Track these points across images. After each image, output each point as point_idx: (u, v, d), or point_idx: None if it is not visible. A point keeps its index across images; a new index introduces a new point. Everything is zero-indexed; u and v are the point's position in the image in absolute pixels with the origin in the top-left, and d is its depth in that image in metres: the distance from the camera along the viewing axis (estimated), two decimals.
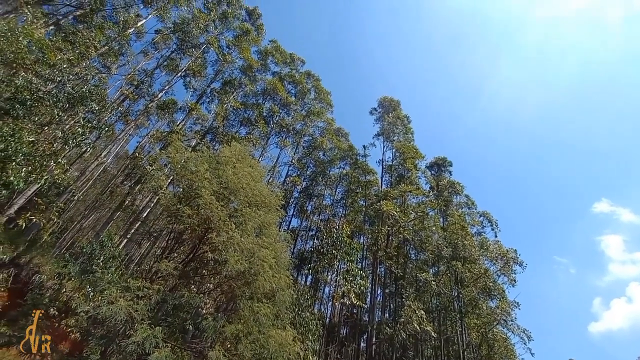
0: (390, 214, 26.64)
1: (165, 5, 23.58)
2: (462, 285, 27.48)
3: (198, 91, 30.51)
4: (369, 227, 33.29)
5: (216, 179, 11.99)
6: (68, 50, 19.98)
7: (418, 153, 32.27)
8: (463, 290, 26.94)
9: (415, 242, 28.98)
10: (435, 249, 27.84)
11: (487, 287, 27.71)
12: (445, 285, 27.72)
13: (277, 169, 33.72)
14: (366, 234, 33.47)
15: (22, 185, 13.38)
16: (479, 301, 27.29)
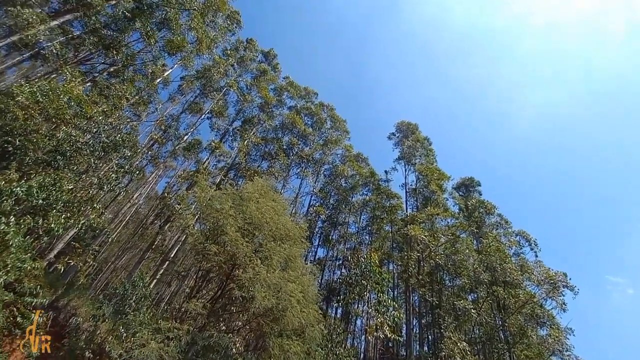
0: (419, 238, 25.63)
1: (188, 55, 25.55)
2: (506, 312, 25.28)
3: (221, 130, 32.03)
4: (397, 254, 32.10)
5: (240, 215, 12.15)
6: (103, 103, 21.81)
7: (443, 174, 31.46)
8: (508, 318, 24.73)
9: (448, 268, 27.43)
10: (472, 274, 26.13)
11: (534, 313, 25.29)
12: (487, 313, 25.62)
13: (300, 199, 33.90)
14: (395, 261, 32.23)
15: (61, 231, 14.15)
16: (527, 329, 24.84)
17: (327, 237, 34.51)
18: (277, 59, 37.36)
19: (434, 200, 30.03)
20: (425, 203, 30.96)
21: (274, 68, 36.38)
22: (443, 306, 26.98)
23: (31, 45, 19.62)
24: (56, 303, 20.40)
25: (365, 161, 42.23)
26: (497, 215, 33.43)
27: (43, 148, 14.86)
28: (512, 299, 24.81)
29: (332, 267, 34.92)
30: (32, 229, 12.87)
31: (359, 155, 42.06)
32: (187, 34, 24.70)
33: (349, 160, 38.97)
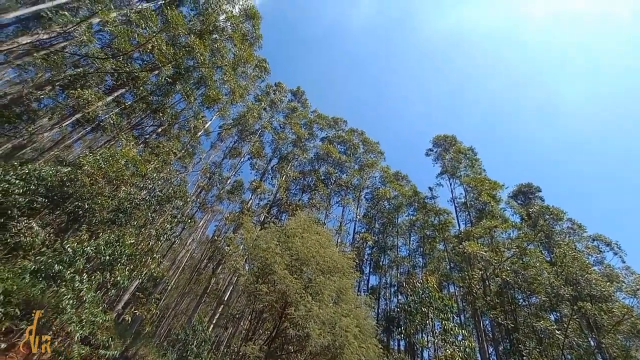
0: (478, 255, 23.50)
1: (224, 105, 27.67)
2: (600, 331, 21.59)
3: (260, 170, 33.43)
4: (457, 274, 29.60)
5: (287, 252, 12.10)
6: (154, 160, 24.00)
7: (495, 184, 29.15)
8: (603, 337, 21.03)
9: (520, 284, 24.52)
10: (549, 289, 23.05)
11: (636, 329, 21.25)
12: (576, 334, 22.09)
13: (344, 227, 33.36)
14: (456, 282, 29.68)
15: (127, 283, 15.13)
16: (630, 350, 20.82)
17: (378, 264, 33.10)
18: (305, 95, 39.19)
19: (489, 212, 27.73)
20: (479, 216, 28.70)
21: (303, 104, 38.07)
22: (521, 329, 23.86)
23: (92, 119, 22.56)
24: (126, 353, 21.43)
25: (405, 178, 41.16)
26: (567, 221, 29.87)
27: (107, 208, 16.35)
28: (604, 315, 21.21)
29: (387, 295, 33.07)
30: (102, 284, 13.91)
31: (397, 174, 41.14)
32: (221, 87, 26.90)
33: (389, 181, 38.13)
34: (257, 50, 29.14)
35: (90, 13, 21.21)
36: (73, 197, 15.18)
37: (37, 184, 14.26)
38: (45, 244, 13.25)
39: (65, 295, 10.98)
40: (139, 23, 22.19)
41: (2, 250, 12.28)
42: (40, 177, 14.56)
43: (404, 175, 41.60)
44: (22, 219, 13.34)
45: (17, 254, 12.55)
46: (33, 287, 10.64)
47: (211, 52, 25.11)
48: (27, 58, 20.82)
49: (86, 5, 21.70)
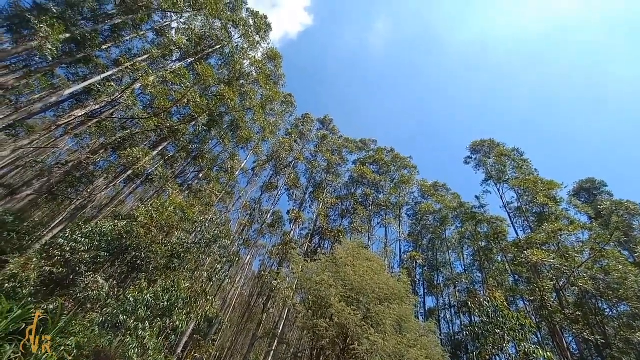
0: (546, 263, 21.20)
1: (257, 143, 28.82)
2: None
3: (298, 200, 33.77)
4: (524, 287, 26.82)
5: (340, 282, 11.66)
6: (198, 204, 25.15)
7: (550, 183, 26.65)
8: None
9: (603, 292, 21.52)
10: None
11: None
12: None
13: (389, 248, 32.08)
14: (524, 296, 26.85)
15: (184, 327, 15.41)
16: None
17: (432, 283, 31.03)
18: (332, 122, 40.16)
19: (550, 215, 25.24)
20: (538, 220, 26.21)
21: (332, 131, 38.89)
22: (613, 344, 20.67)
23: (141, 174, 24.41)
24: None
25: (444, 188, 39.35)
26: None
27: (162, 255, 17.09)
28: None
29: (447, 317, 30.58)
30: (162, 329, 14.24)
31: (435, 185, 39.47)
32: (252, 126, 28.18)
33: (430, 194, 36.60)
34: (281, 87, 30.56)
35: (132, 80, 23.59)
36: (131, 248, 16.07)
37: (99, 240, 15.32)
38: (110, 295, 13.97)
39: (131, 344, 11.28)
40: (174, 81, 24.26)
41: (73, 305, 13.08)
42: (102, 233, 15.68)
43: (443, 185, 39.87)
44: (89, 274, 14.26)
45: (86, 307, 13.31)
46: (101, 338, 11.09)
47: (240, 96, 26.65)
48: (83, 127, 23.39)
49: (128, 73, 24.21)
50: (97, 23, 23.07)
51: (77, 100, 24.42)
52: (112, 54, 25.85)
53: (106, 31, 24.61)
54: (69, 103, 24.24)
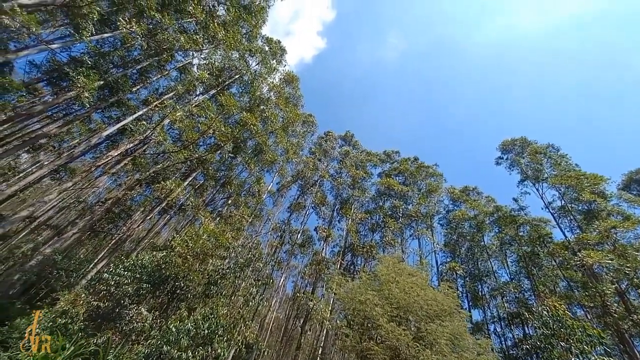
0: (603, 265, 19.39)
1: (282, 165, 29.19)
2: None
3: (326, 218, 33.52)
4: (579, 293, 24.59)
5: (385, 300, 11.12)
6: (229, 229, 25.54)
7: (596, 177, 24.72)
8: None
9: None
10: None
11: None
12: None
13: (425, 261, 30.75)
14: (582, 303, 24.54)
15: (226, 354, 15.25)
16: None
17: (476, 295, 29.13)
18: (354, 137, 40.31)
19: (599, 212, 23.29)
20: (586, 219, 24.24)
21: (354, 146, 38.95)
22: None
23: (174, 205, 25.26)
24: None
25: (476, 192, 37.66)
26: None
27: (199, 283, 17.26)
28: None
29: (498, 331, 28.32)
30: (204, 358, 14.12)
31: (466, 190, 37.87)
32: (276, 149, 28.67)
33: (462, 201, 35.11)
34: (301, 109, 31.19)
35: (161, 117, 24.91)
36: (170, 278, 16.36)
37: (140, 272, 15.74)
38: (153, 326, 14.14)
39: None
40: (199, 114, 25.39)
41: (120, 338, 13.33)
42: (142, 265, 16.14)
43: (473, 188, 38.23)
44: (133, 306, 14.57)
45: (131, 338, 13.52)
46: None
47: (262, 121, 27.36)
48: (119, 166, 24.74)
49: (157, 111, 25.59)
50: (126, 68, 24.78)
51: (112, 141, 26.03)
52: (141, 94, 27.51)
53: (134, 74, 26.35)
54: (106, 144, 25.85)
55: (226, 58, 27.59)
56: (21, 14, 13.03)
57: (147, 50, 24.54)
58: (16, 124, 20.90)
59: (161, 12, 20.76)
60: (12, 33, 15.27)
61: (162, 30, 22.13)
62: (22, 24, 13.14)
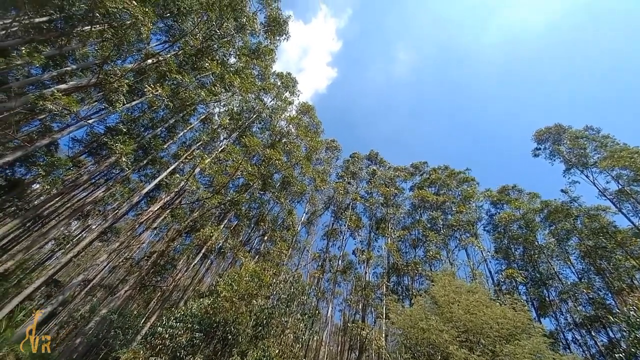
0: None
1: (312, 194, 29.29)
2: None
3: (364, 240, 32.73)
4: None
5: (449, 324, 10.24)
6: (268, 266, 25.50)
7: None
8: None
9: None
10: None
11: None
12: None
13: (477, 271, 28.65)
14: None
15: None
16: None
17: (543, 302, 26.32)
18: (379, 155, 40.16)
19: None
20: None
21: (381, 164, 38.71)
22: None
23: (213, 249, 25.76)
24: None
25: (516, 190, 35.17)
26: None
27: (247, 325, 17.06)
28: None
29: (578, 339, 25.15)
30: None
31: (504, 190, 35.52)
32: (302, 179, 28.94)
33: (504, 202, 32.98)
34: (322, 135, 31.72)
35: (192, 168, 26.13)
36: (220, 324, 16.30)
37: (191, 322, 15.85)
38: None
39: None
40: (226, 158, 26.39)
41: None
42: (192, 314, 16.28)
43: (513, 187, 35.77)
44: (188, 358, 14.55)
45: None
46: None
47: (286, 154, 27.91)
48: (159, 220, 25.86)
49: (187, 162, 26.93)
50: (155, 129, 26.61)
51: (151, 197, 27.51)
52: (171, 149, 29.18)
53: (163, 132, 28.19)
54: (145, 201, 27.32)
55: (243, 101, 28.95)
56: (60, 97, 14.47)
57: (172, 108, 26.34)
58: (66, 195, 22.66)
59: (180, 72, 22.37)
60: (55, 115, 16.97)
61: (184, 88, 23.75)
62: (63, 106, 14.52)
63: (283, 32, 31.50)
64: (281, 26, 31.02)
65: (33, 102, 14.15)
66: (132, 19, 16.97)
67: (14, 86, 13.99)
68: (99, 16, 17.01)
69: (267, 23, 30.89)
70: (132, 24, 17.30)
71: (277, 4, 30.90)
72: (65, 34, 16.77)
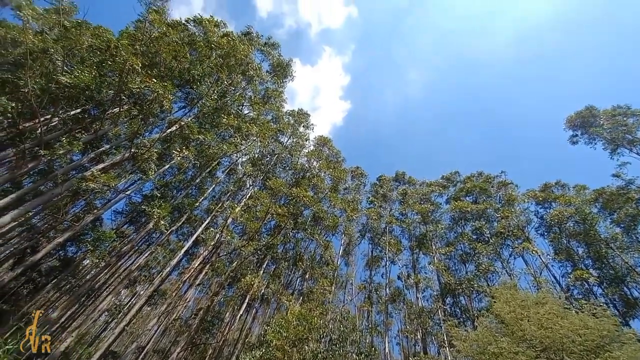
0: None
1: (346, 225, 28.84)
2: None
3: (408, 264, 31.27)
4: None
5: (523, 344, 9.05)
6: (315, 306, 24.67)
7: None
8: None
9: None
10: None
11: None
12: None
13: (541, 278, 25.90)
14: None
15: None
16: None
17: (627, 302, 22.97)
18: (406, 174, 39.79)
19: None
20: None
21: (410, 183, 38.58)
22: None
23: (257, 297, 25.49)
24: None
25: (560, 185, 32.31)
26: None
27: None
28: None
29: None
30: None
31: (547, 187, 32.68)
32: (332, 211, 28.68)
33: (552, 200, 30.41)
34: (343, 163, 31.85)
35: (224, 219, 26.84)
36: None
37: None
38: None
39: None
40: (254, 204, 26.95)
41: None
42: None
43: (556, 182, 32.85)
44: None
45: None
46: None
47: (311, 189, 28.07)
48: (201, 276, 26.26)
49: (219, 214, 27.73)
50: (186, 188, 28.02)
51: (190, 254, 28.28)
52: (203, 205, 30.34)
53: (194, 190, 29.57)
54: (186, 259, 28.09)
55: (262, 146, 30.06)
56: (100, 176, 15.73)
57: (199, 166, 27.81)
58: (113, 266, 23.78)
59: (202, 132, 23.86)
60: (97, 192, 18.38)
61: (207, 146, 25.17)
62: (102, 183, 15.73)
63: (288, 74, 33.78)
64: (285, 69, 33.28)
65: (77, 184, 15.46)
66: (153, 94, 18.63)
67: (59, 173, 15.40)
68: (125, 98, 18.85)
69: (272, 69, 33.15)
70: (155, 99, 18.96)
71: (279, 51, 33.29)
72: (98, 118, 18.59)
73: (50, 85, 15.23)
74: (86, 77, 16.25)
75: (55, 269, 22.40)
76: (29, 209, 14.41)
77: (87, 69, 16.72)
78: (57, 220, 19.01)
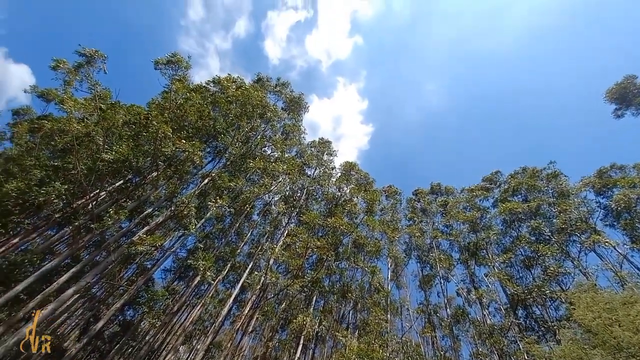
0: None
1: (390, 247, 27.66)
2: None
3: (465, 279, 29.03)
4: None
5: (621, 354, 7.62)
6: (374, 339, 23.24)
7: None
8: None
9: None
10: None
11: None
12: None
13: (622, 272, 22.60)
14: None
15: None
16: None
17: None
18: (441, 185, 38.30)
19: None
20: None
21: (448, 193, 37.22)
22: None
23: (311, 337, 24.60)
24: None
25: (615, 168, 28.47)
26: None
27: None
28: None
29: None
30: None
31: (602, 172, 28.93)
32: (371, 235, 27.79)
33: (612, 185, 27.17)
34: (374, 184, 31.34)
35: (266, 260, 26.92)
36: None
37: None
38: None
39: None
40: (293, 241, 26.92)
41: None
42: None
43: (611, 166, 28.88)
44: None
45: None
46: None
47: (347, 215, 27.64)
48: (252, 321, 25.96)
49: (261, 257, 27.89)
50: (226, 236, 28.79)
51: (239, 301, 28.34)
52: (244, 250, 30.82)
53: (233, 237, 30.27)
54: (235, 306, 28.13)
55: (291, 182, 30.57)
56: (146, 238, 16.65)
57: (235, 212, 28.64)
58: (169, 324, 24.32)
59: (232, 180, 24.87)
60: (146, 254, 19.36)
61: (239, 192, 26.05)
62: (150, 244, 16.61)
63: (302, 107, 35.72)
64: (298, 102, 35.27)
65: (127, 250, 16.45)
66: (185, 153, 20.00)
67: (110, 242, 16.49)
68: (161, 163, 20.35)
69: (286, 106, 35.20)
70: (186, 158, 20.31)
71: (290, 88, 35.57)
72: (139, 185, 20.06)
73: (97, 164, 16.88)
74: (125, 149, 17.88)
75: (117, 334, 23.29)
76: (88, 279, 15.40)
77: (125, 142, 18.43)
78: (113, 286, 20.09)
